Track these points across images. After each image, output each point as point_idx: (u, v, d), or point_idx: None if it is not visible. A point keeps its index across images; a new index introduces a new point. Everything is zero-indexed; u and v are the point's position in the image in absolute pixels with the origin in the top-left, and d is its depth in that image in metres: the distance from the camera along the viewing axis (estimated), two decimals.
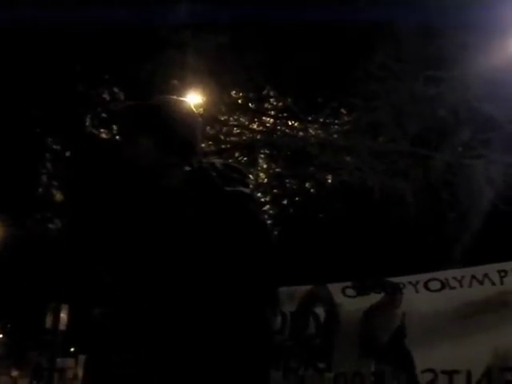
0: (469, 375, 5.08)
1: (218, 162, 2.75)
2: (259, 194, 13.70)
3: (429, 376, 5.24)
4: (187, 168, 2.69)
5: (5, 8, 10.92)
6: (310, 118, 13.35)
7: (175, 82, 12.44)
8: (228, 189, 2.59)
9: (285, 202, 14.99)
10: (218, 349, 2.42)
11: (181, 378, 2.41)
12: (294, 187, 14.57)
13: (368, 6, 10.68)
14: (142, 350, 2.43)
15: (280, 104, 13.51)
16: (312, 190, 14.43)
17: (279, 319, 5.71)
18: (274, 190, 14.64)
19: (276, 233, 13.81)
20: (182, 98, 2.93)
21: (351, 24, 10.94)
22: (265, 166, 14.19)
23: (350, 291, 5.92)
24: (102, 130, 13.45)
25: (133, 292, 2.50)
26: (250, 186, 2.75)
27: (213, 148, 13.39)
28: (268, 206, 14.56)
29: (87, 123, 13.68)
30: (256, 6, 11.01)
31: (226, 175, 2.66)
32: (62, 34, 12.04)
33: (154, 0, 11.87)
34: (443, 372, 5.19)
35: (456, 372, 5.13)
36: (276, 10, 11.11)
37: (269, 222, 13.02)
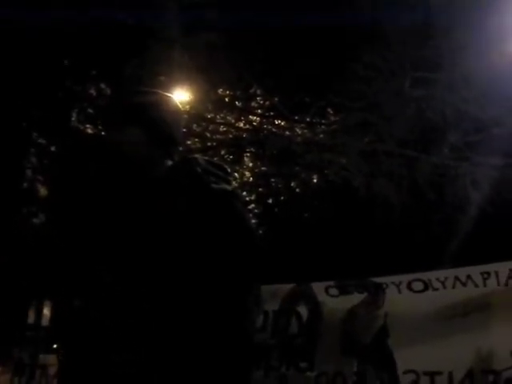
0: (451, 376, 5.09)
1: (200, 158, 2.74)
2: (244, 193, 13.67)
3: (411, 377, 5.25)
4: (170, 163, 2.71)
5: None
6: (296, 118, 13.33)
7: (162, 78, 12.37)
8: (213, 185, 2.57)
9: (270, 201, 14.99)
10: (210, 347, 2.40)
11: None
12: (280, 186, 14.54)
13: (357, 7, 10.67)
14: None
15: (267, 103, 13.47)
16: (297, 190, 14.41)
17: (261, 317, 5.71)
18: (260, 189, 14.62)
19: (261, 232, 13.79)
20: (167, 94, 2.93)
21: (339, 24, 10.91)
22: (250, 164, 14.15)
23: (333, 290, 5.92)
24: (87, 126, 13.39)
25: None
26: (233, 183, 2.74)
27: (198, 145, 13.33)
28: (253, 205, 14.55)
29: (73, 118, 13.62)
30: (245, 7, 11.00)
31: (209, 171, 2.64)
32: (49, 30, 11.97)
33: None
34: (425, 373, 5.21)
35: (438, 373, 5.14)
36: (265, 11, 11.09)
37: (254, 221, 13.00)
